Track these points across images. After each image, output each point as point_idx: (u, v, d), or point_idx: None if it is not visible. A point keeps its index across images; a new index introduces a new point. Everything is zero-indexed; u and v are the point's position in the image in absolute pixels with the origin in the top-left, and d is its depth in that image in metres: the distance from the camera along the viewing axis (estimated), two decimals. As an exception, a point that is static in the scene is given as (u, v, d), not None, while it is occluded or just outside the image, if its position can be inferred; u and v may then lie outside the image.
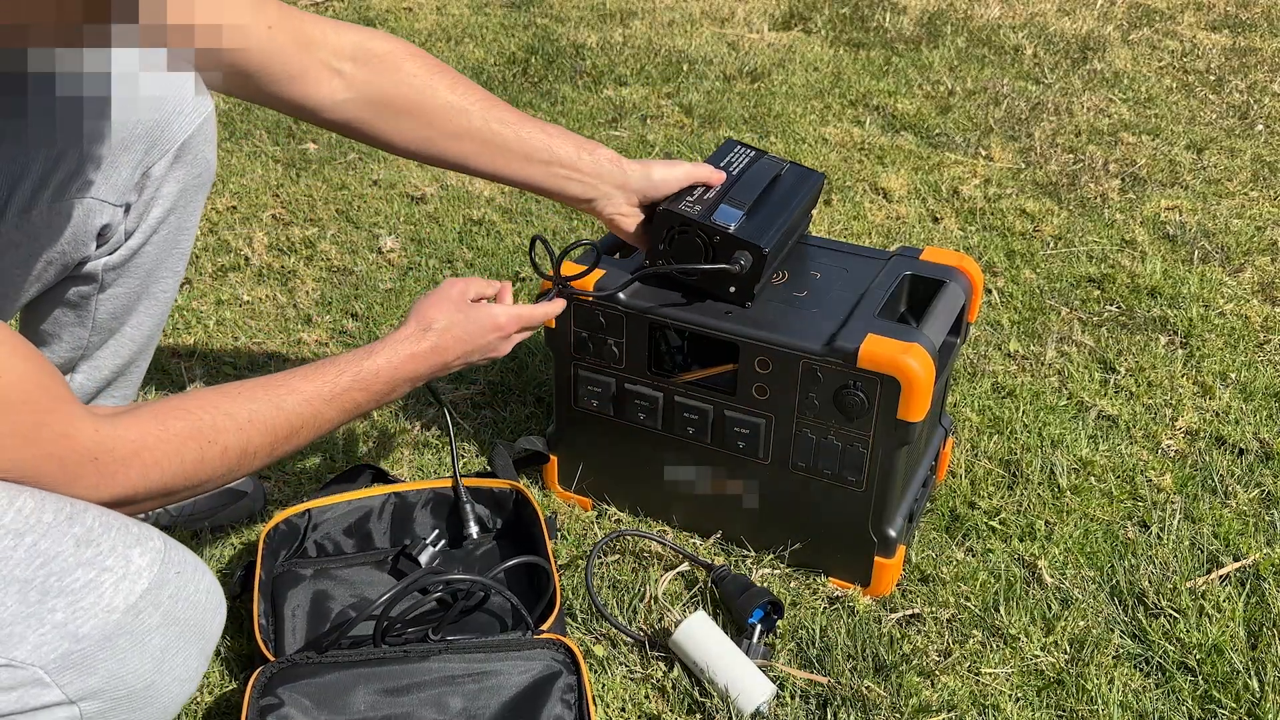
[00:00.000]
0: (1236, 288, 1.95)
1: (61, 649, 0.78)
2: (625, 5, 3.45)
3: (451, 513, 1.34)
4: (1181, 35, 3.26)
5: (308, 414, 0.99)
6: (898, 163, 2.42)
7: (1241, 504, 1.45)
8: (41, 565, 0.78)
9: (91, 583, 0.79)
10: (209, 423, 0.91)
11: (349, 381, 1.03)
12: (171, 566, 0.85)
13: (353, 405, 1.03)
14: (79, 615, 0.78)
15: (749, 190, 1.24)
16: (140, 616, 0.81)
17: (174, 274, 1.24)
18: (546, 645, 1.10)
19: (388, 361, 1.06)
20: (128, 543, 0.83)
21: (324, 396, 1.00)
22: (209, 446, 0.91)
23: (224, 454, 0.92)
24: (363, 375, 1.04)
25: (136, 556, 0.82)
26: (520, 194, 2.27)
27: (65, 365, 1.24)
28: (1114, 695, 1.17)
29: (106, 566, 0.81)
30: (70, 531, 0.80)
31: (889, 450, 1.20)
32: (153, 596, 0.82)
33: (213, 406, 0.92)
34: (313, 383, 1.00)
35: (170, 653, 0.84)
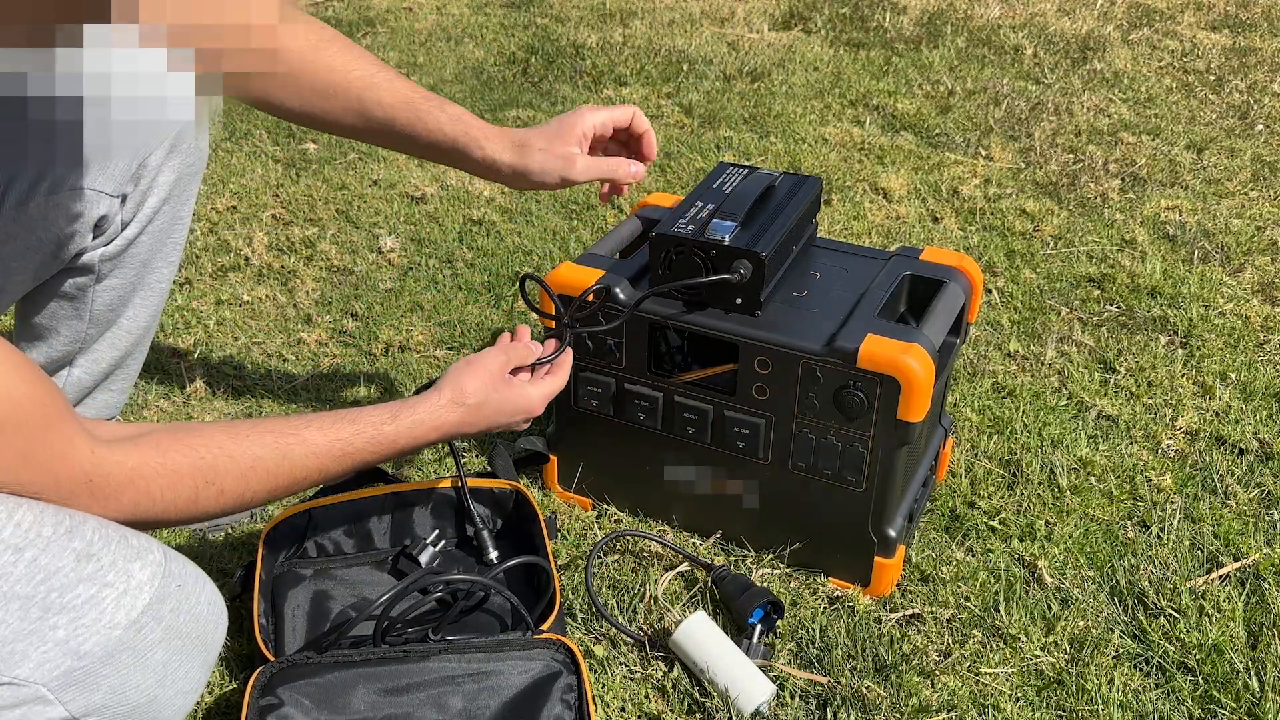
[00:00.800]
0: (1236, 288, 1.95)
1: (64, 666, 0.77)
2: (625, 5, 3.45)
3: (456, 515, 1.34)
4: (1181, 35, 3.26)
5: (313, 467, 0.98)
6: (898, 163, 2.42)
7: (1241, 504, 1.45)
8: (42, 581, 0.78)
9: (93, 599, 0.79)
10: (210, 463, 0.90)
11: (364, 443, 1.01)
12: (173, 580, 0.84)
13: (360, 464, 1.02)
14: (81, 632, 0.78)
15: (740, 203, 1.24)
16: (142, 632, 0.81)
17: (169, 264, 1.24)
18: (546, 645, 1.10)
19: (409, 430, 1.04)
20: (128, 557, 0.82)
21: (334, 454, 0.99)
22: (206, 486, 0.90)
23: (220, 495, 0.92)
24: (381, 439, 1.02)
25: (137, 571, 0.82)
26: (520, 194, 2.27)
27: (63, 359, 1.24)
28: (1114, 695, 1.17)
29: (107, 582, 0.80)
30: (70, 546, 0.80)
31: (889, 450, 1.20)
32: (154, 611, 0.82)
33: (217, 447, 0.91)
34: (326, 437, 0.98)
35: (173, 666, 0.84)
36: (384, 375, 1.70)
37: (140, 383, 1.66)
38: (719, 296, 1.24)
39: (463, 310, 1.86)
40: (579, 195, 2.26)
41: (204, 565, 1.33)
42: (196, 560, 1.33)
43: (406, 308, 1.87)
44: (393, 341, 1.78)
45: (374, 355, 1.75)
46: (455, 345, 1.78)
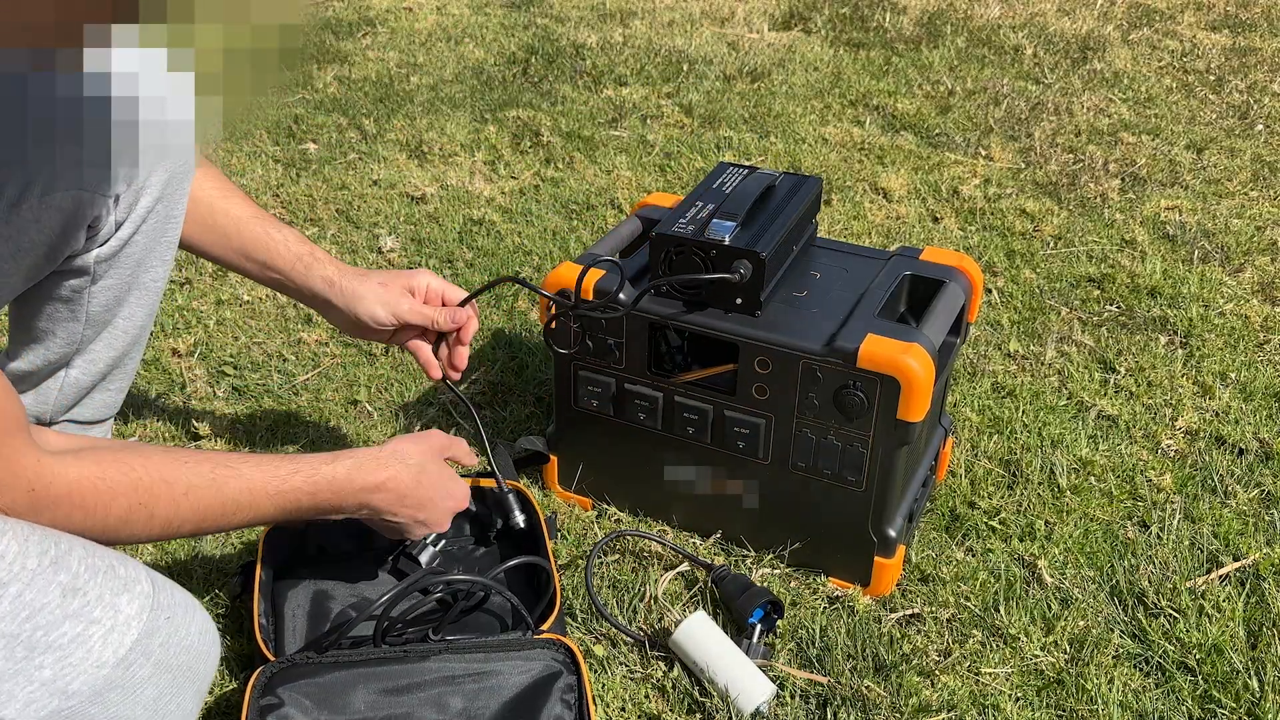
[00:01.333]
0: (1236, 288, 1.95)
1: (51, 706, 0.76)
2: (625, 5, 3.45)
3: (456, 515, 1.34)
4: (1181, 35, 3.26)
5: (245, 503, 0.98)
6: (898, 163, 2.42)
7: (1241, 504, 1.45)
8: (28, 619, 0.77)
9: (79, 637, 0.78)
10: (145, 485, 0.90)
11: (300, 482, 1.02)
12: (161, 612, 0.83)
13: (293, 506, 1.02)
14: (68, 671, 0.77)
15: (739, 203, 1.24)
16: (131, 669, 0.80)
17: (163, 263, 1.24)
18: (546, 645, 1.10)
19: (345, 473, 1.05)
20: (115, 589, 0.81)
21: (268, 491, 0.99)
22: (138, 509, 0.90)
23: (149, 519, 0.91)
24: (316, 479, 1.03)
25: (125, 605, 0.81)
26: (520, 194, 2.27)
27: (60, 360, 1.23)
28: (1114, 695, 1.17)
29: (94, 618, 0.79)
30: (56, 580, 0.79)
31: (889, 450, 1.20)
32: (143, 646, 0.81)
33: (155, 470, 0.91)
34: (263, 472, 0.99)
35: (164, 700, 0.83)
36: (384, 375, 1.70)
37: (140, 383, 1.66)
38: (719, 296, 1.23)
39: (463, 310, 1.86)
40: (578, 196, 2.26)
41: (203, 565, 1.33)
42: (197, 560, 1.34)
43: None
44: (393, 341, 1.78)
45: (374, 355, 1.75)
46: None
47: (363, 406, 1.63)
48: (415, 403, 1.64)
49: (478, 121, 2.61)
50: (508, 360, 1.73)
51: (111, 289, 1.20)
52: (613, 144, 2.49)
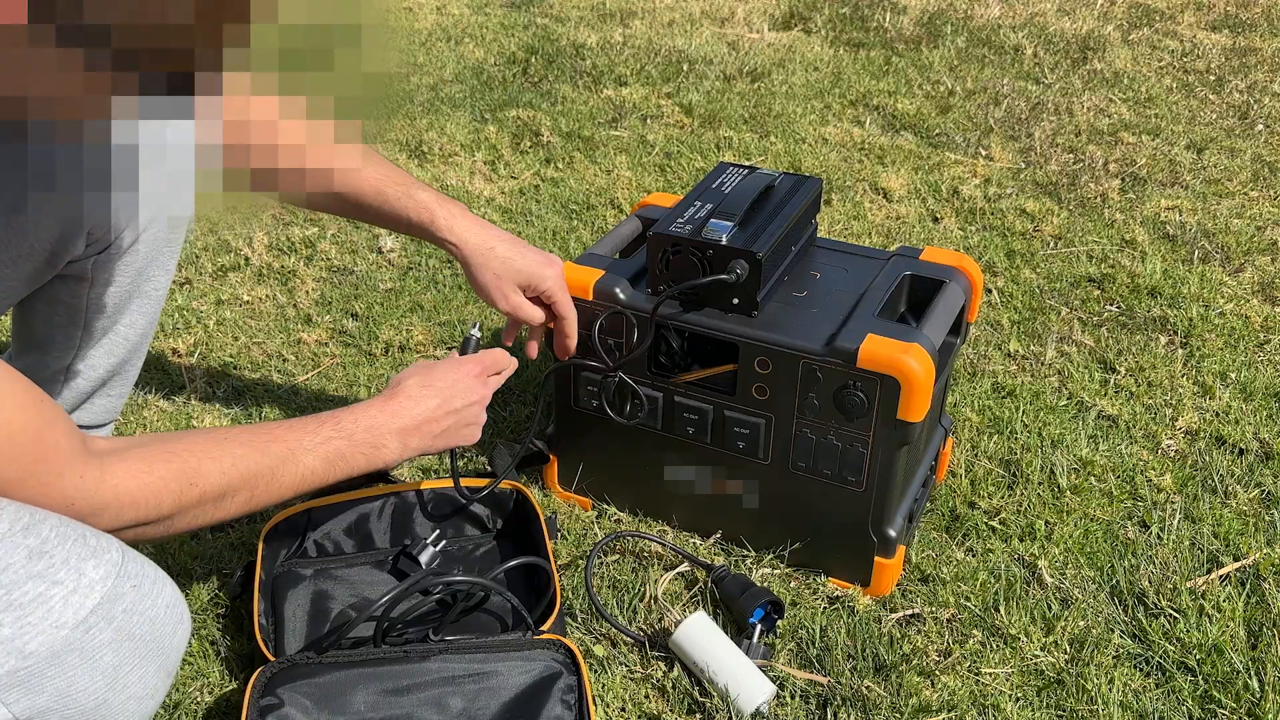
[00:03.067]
0: (1236, 288, 1.95)
1: (8, 666, 0.75)
2: (625, 5, 3.45)
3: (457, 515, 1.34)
4: (1181, 35, 3.26)
5: (288, 458, 1.01)
6: (898, 163, 2.42)
7: (1241, 504, 1.45)
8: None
9: (40, 596, 0.77)
10: (193, 465, 0.92)
11: (330, 431, 1.04)
12: (127, 580, 0.83)
13: (335, 454, 1.04)
14: (26, 631, 0.76)
15: (738, 203, 1.24)
16: (91, 632, 0.79)
17: (165, 271, 1.24)
18: (546, 645, 1.10)
19: (364, 412, 1.09)
20: (82, 555, 0.81)
21: (305, 446, 1.02)
22: (189, 489, 0.92)
23: (202, 496, 0.93)
24: (342, 426, 1.06)
25: (90, 570, 0.80)
26: (520, 194, 2.27)
27: (61, 365, 1.24)
28: (1114, 695, 1.17)
29: (57, 580, 0.79)
30: (24, 543, 0.79)
31: (889, 450, 1.20)
32: (105, 610, 0.80)
33: (200, 450, 0.94)
34: (296, 431, 1.03)
35: (124, 670, 0.82)
36: (384, 375, 1.70)
37: (140, 383, 1.66)
38: (716, 296, 1.23)
39: (463, 310, 1.86)
40: (578, 196, 2.26)
41: (203, 565, 1.33)
42: (196, 561, 1.34)
43: (406, 308, 1.87)
44: (393, 341, 1.78)
45: (374, 355, 1.75)
46: (455, 345, 1.78)
47: (363, 406, 1.63)
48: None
49: (478, 121, 2.62)
50: (508, 360, 1.73)
51: (113, 295, 1.20)
52: (613, 144, 2.49)
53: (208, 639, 1.23)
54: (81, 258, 1.15)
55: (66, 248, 1.11)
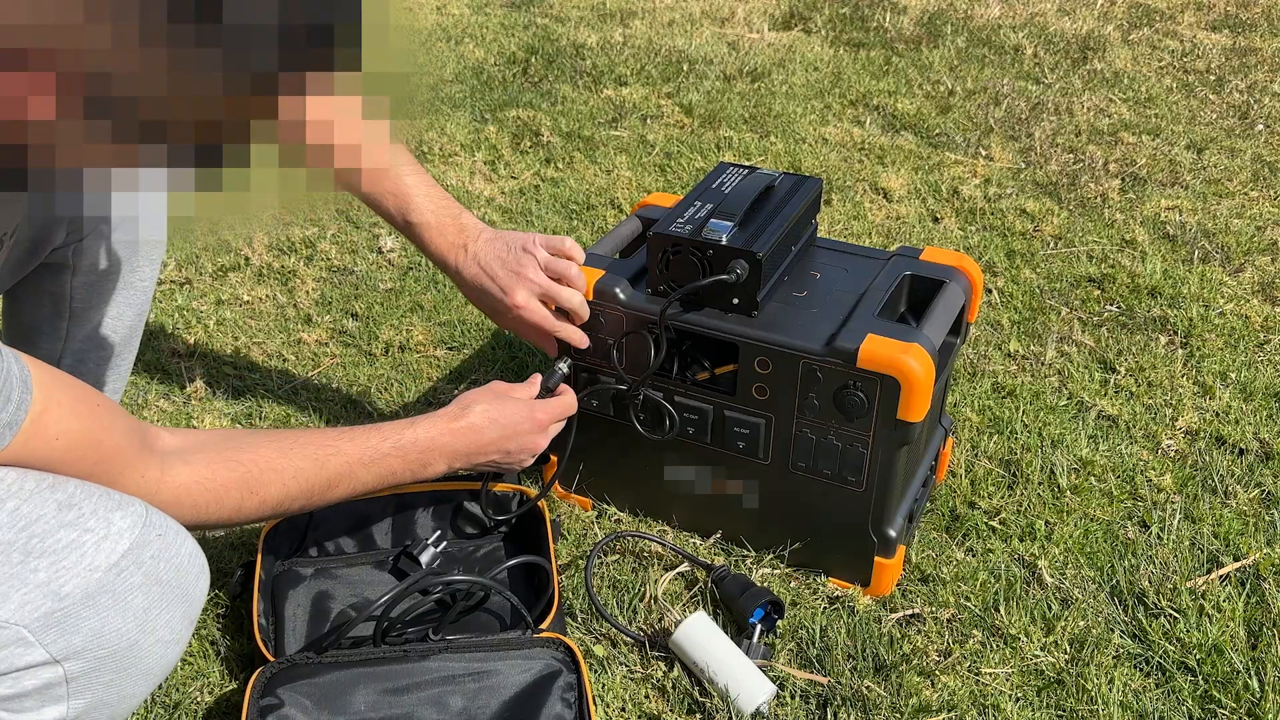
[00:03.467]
0: (1236, 288, 1.95)
1: (44, 608, 0.79)
2: (625, 5, 3.45)
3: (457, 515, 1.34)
4: (1181, 35, 3.26)
5: (345, 474, 1.06)
6: (898, 163, 2.42)
7: (1241, 504, 1.45)
8: (23, 528, 0.80)
9: (74, 543, 0.81)
10: (255, 475, 0.97)
11: (389, 448, 1.09)
12: (153, 529, 0.86)
13: (388, 472, 1.09)
14: (61, 574, 0.80)
15: (738, 203, 1.24)
16: (122, 575, 0.83)
17: (151, 263, 1.24)
18: (546, 644, 1.10)
19: (425, 433, 1.12)
20: (109, 506, 0.84)
21: (364, 461, 1.07)
22: (249, 496, 0.97)
23: (261, 504, 0.98)
24: (402, 444, 1.10)
25: (118, 519, 0.84)
26: (520, 194, 2.27)
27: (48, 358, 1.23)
28: (1114, 695, 1.17)
29: (88, 527, 0.82)
30: (52, 497, 0.82)
31: (889, 450, 1.20)
32: (134, 556, 0.84)
33: (264, 461, 0.99)
34: (356, 445, 1.07)
35: (153, 613, 0.85)
36: (384, 375, 1.70)
37: (140, 383, 1.66)
38: (716, 296, 1.23)
39: (463, 310, 1.86)
40: (578, 196, 2.26)
41: (204, 565, 1.33)
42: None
43: (406, 308, 1.87)
44: (393, 341, 1.78)
45: (374, 355, 1.75)
46: (455, 345, 1.78)
47: (363, 406, 1.63)
48: (415, 402, 1.64)
49: (478, 121, 2.62)
50: (508, 360, 1.73)
51: (96, 284, 1.20)
52: (613, 144, 2.49)
53: (208, 639, 1.23)
54: (62, 245, 1.15)
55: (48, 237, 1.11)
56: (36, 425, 0.81)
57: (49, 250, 1.14)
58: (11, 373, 0.79)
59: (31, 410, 0.80)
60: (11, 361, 0.80)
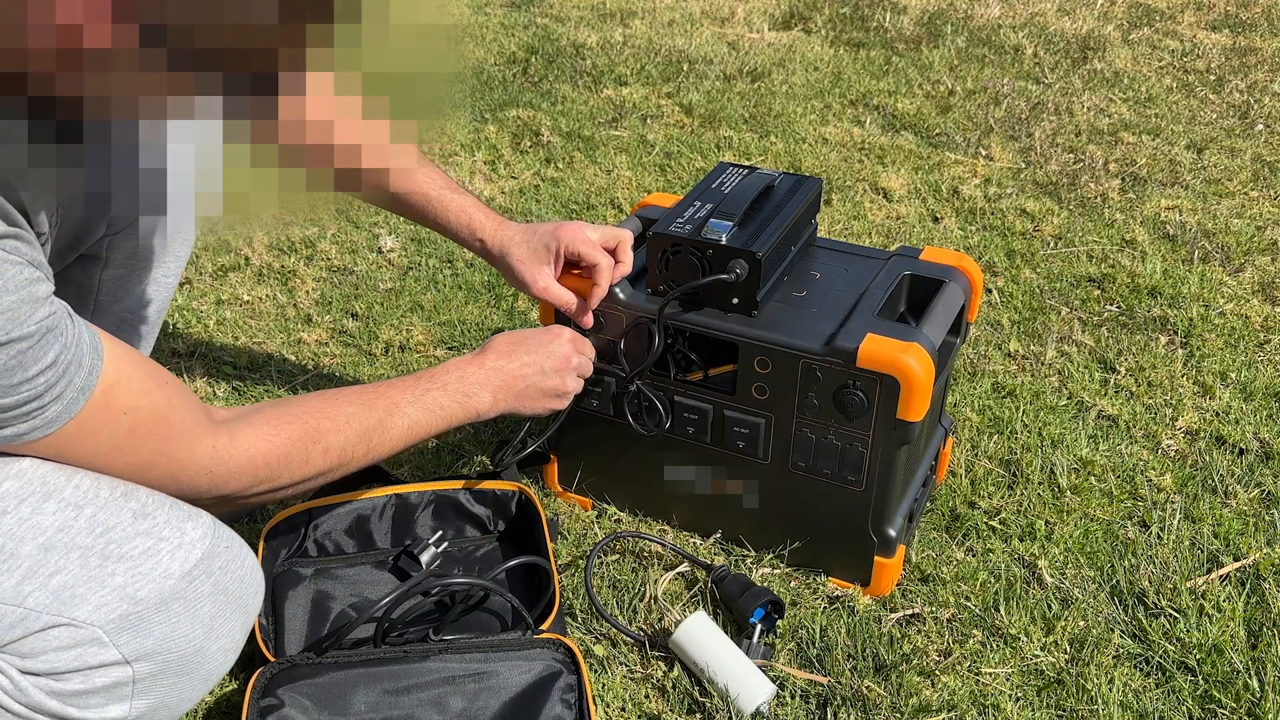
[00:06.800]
0: (1236, 288, 1.95)
1: (120, 610, 0.82)
2: (625, 5, 3.45)
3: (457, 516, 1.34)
4: (1181, 35, 3.26)
5: (394, 411, 1.06)
6: (898, 162, 2.42)
7: (1241, 504, 1.45)
8: (101, 534, 0.83)
9: (150, 550, 0.84)
10: (314, 425, 0.99)
11: (428, 384, 1.10)
12: (221, 541, 0.89)
13: (436, 406, 1.10)
14: (138, 579, 0.83)
15: (738, 202, 1.24)
16: (194, 584, 0.86)
17: (177, 259, 1.25)
18: (546, 645, 1.10)
19: (454, 364, 1.15)
20: (181, 517, 0.87)
21: (407, 399, 1.08)
22: (314, 446, 0.98)
23: (326, 452, 0.99)
24: (435, 376, 1.12)
25: (190, 529, 0.87)
26: (520, 194, 2.27)
27: None
28: (1114, 695, 1.17)
29: (163, 536, 0.85)
30: (127, 505, 0.85)
31: (889, 450, 1.20)
32: (205, 566, 0.87)
33: (318, 412, 1.00)
34: (396, 388, 1.09)
35: (219, 621, 0.88)
36: (384, 375, 1.70)
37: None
38: (716, 296, 1.23)
39: (463, 310, 1.86)
40: (578, 196, 2.26)
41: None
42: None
43: (406, 308, 1.87)
44: (393, 341, 1.78)
45: (374, 355, 1.75)
46: (455, 345, 1.78)
47: (363, 406, 1.63)
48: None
49: (478, 121, 2.62)
50: (508, 360, 1.73)
51: (124, 278, 1.21)
52: (613, 144, 2.49)
53: (208, 639, 1.23)
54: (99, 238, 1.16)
55: (90, 231, 1.12)
56: (107, 397, 0.82)
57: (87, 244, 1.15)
58: (83, 339, 0.80)
59: (103, 380, 0.82)
60: (82, 329, 0.81)
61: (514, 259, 1.28)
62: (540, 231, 1.28)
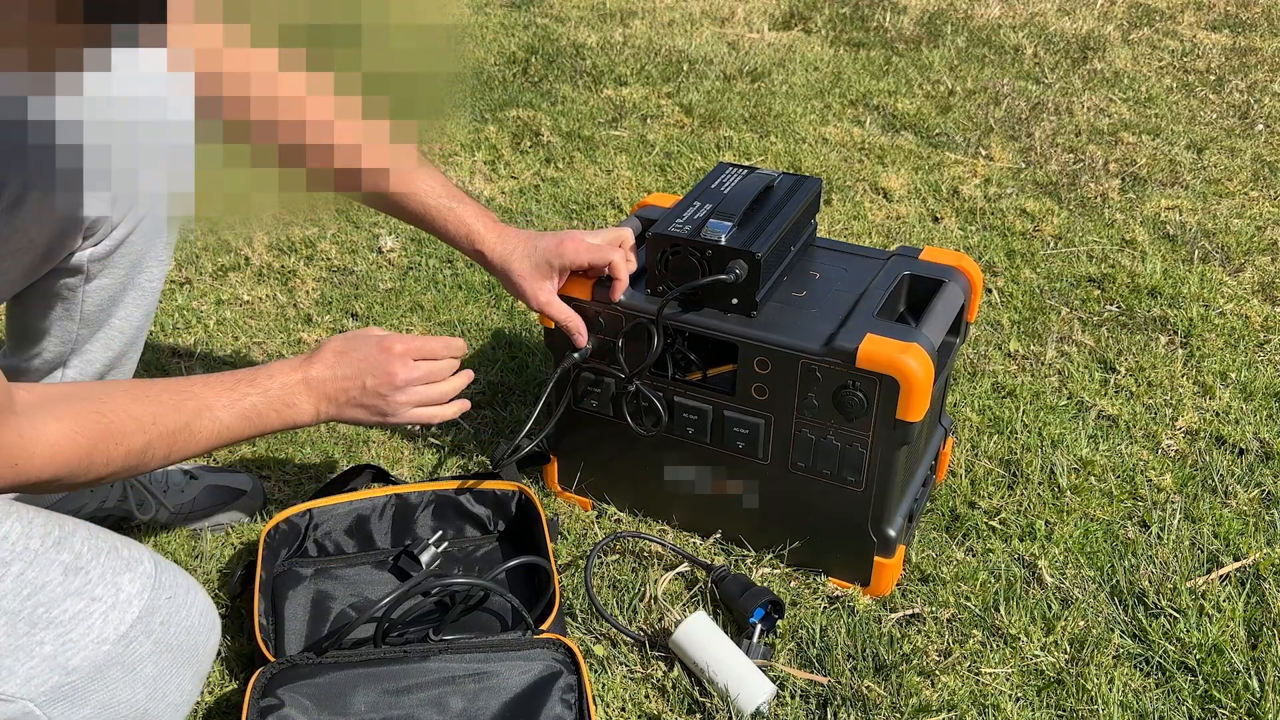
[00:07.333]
0: (1236, 288, 1.95)
1: (52, 681, 0.77)
2: (625, 5, 3.45)
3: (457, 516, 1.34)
4: (1181, 35, 3.26)
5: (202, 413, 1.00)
6: (898, 162, 2.42)
7: (1241, 504, 1.45)
8: (29, 596, 0.78)
9: (81, 613, 0.79)
10: (119, 425, 0.92)
11: (245, 387, 1.04)
12: (163, 591, 0.84)
13: (250, 410, 1.04)
14: (69, 648, 0.78)
15: (737, 203, 1.25)
16: (131, 646, 0.81)
17: (160, 263, 1.24)
18: (546, 645, 1.10)
19: (279, 368, 1.09)
20: (117, 569, 0.82)
21: (221, 403, 1.02)
22: (115, 448, 0.91)
23: (127, 454, 0.93)
24: (257, 379, 1.06)
25: (126, 584, 0.82)
26: (520, 194, 2.27)
27: (56, 359, 1.23)
28: (1114, 695, 1.17)
29: (96, 596, 0.80)
30: (58, 559, 0.80)
31: (888, 450, 1.20)
32: (144, 625, 0.82)
33: (123, 410, 0.93)
34: (212, 388, 1.02)
35: (163, 679, 0.84)
36: (384, 375, 1.70)
37: (140, 383, 1.66)
38: (715, 296, 1.24)
39: (463, 310, 1.86)
40: (578, 196, 2.26)
41: (204, 565, 1.33)
42: (197, 560, 1.34)
43: (406, 308, 1.87)
44: (393, 341, 1.77)
45: (374, 355, 1.75)
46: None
47: (363, 406, 1.63)
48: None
49: (478, 121, 2.62)
50: (508, 360, 1.73)
51: (107, 288, 1.20)
52: (613, 144, 2.49)
53: (208, 639, 1.23)
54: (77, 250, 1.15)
55: (64, 242, 1.11)
56: None
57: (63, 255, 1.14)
58: None
59: None
60: None
61: (515, 273, 1.26)
62: (542, 246, 1.27)
